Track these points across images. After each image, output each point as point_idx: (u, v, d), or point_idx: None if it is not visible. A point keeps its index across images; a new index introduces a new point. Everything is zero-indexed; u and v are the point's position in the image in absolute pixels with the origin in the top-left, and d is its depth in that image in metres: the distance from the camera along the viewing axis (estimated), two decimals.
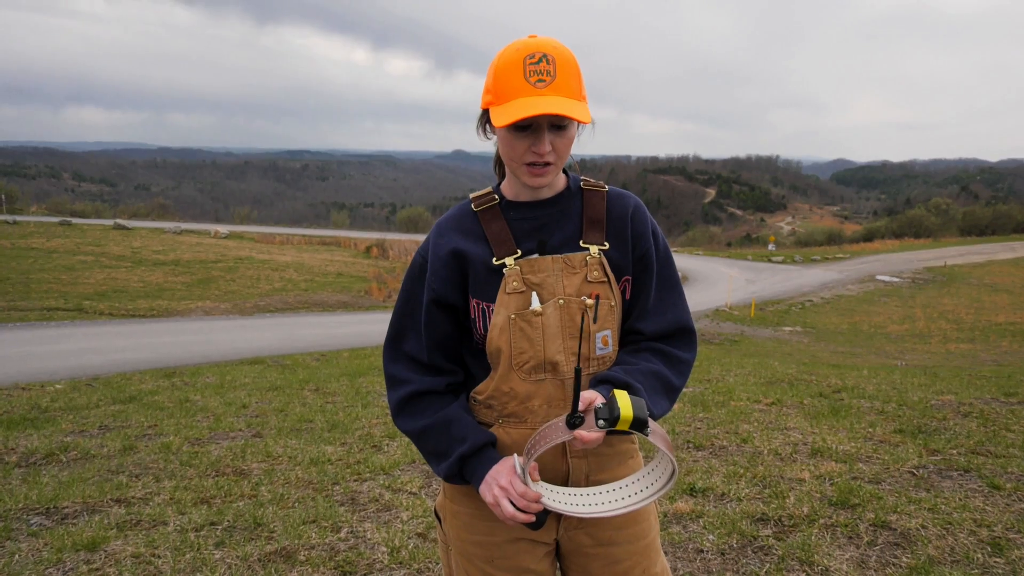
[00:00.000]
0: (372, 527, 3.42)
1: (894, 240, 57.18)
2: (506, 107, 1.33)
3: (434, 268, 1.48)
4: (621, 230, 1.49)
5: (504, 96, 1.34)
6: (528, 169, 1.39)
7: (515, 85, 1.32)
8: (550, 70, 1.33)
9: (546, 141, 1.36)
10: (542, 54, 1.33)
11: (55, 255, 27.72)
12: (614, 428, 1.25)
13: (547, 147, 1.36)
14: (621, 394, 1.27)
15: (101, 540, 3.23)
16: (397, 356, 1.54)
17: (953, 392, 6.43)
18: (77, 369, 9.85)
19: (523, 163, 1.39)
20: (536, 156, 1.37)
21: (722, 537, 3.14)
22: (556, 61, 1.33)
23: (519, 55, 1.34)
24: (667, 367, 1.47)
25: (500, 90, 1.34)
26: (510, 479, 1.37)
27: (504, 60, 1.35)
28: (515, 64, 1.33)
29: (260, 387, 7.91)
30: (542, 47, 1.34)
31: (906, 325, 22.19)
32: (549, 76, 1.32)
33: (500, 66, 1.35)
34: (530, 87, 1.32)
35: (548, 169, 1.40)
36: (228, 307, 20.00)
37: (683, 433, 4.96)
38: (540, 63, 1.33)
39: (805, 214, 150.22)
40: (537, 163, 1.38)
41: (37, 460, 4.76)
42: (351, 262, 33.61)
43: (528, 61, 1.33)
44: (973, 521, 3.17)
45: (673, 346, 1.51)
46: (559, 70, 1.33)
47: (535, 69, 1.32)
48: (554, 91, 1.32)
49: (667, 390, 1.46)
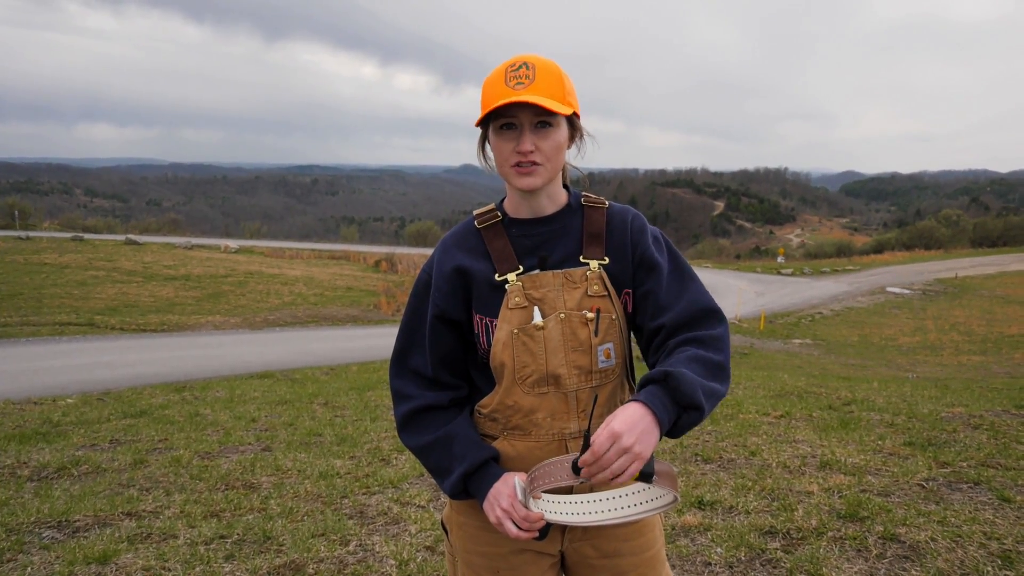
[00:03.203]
0: (381, 540, 3.43)
1: (904, 252, 56.89)
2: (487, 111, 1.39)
3: (438, 285, 1.51)
4: (621, 244, 1.52)
5: (486, 104, 1.40)
6: (515, 170, 1.43)
7: (496, 91, 1.39)
8: (529, 74, 1.38)
9: (528, 139, 1.40)
10: (522, 62, 1.40)
11: (67, 270, 27.94)
12: None
13: (528, 145, 1.40)
14: None
15: (112, 553, 3.25)
16: (403, 371, 1.57)
17: (963, 404, 6.39)
18: (88, 383, 9.92)
19: (510, 165, 1.43)
20: (520, 155, 1.41)
21: (730, 550, 3.13)
22: (536, 67, 1.39)
23: (503, 67, 1.41)
24: (701, 348, 1.39)
25: (485, 100, 1.41)
26: (512, 502, 1.40)
27: (492, 74, 1.42)
28: (498, 74, 1.40)
29: (269, 401, 7.94)
30: (524, 57, 1.41)
31: (917, 337, 22.06)
32: (528, 80, 1.38)
33: (486, 81, 1.42)
34: (509, 90, 1.37)
35: (534, 169, 1.42)
36: (238, 321, 20.10)
37: (691, 446, 4.95)
38: (520, 69, 1.39)
39: (814, 226, 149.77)
40: (522, 163, 1.41)
41: (49, 474, 4.80)
42: (360, 276, 33.71)
43: (509, 69, 1.40)
44: (983, 534, 3.15)
45: (698, 328, 1.44)
46: (538, 74, 1.39)
47: (515, 74, 1.39)
48: (532, 91, 1.37)
49: (711, 369, 1.36)
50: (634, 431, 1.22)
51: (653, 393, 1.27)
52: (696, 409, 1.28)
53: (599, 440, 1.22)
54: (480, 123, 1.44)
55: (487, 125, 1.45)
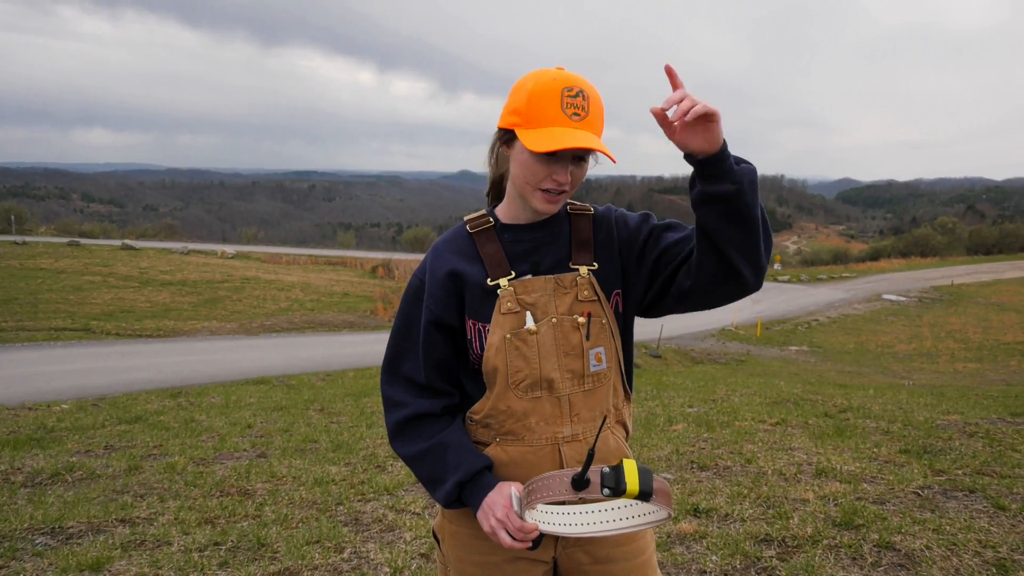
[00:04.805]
0: (375, 547, 3.42)
1: (900, 259, 57.01)
2: (541, 133, 1.36)
3: (431, 290, 1.51)
4: (608, 241, 1.53)
5: (538, 122, 1.37)
6: (543, 195, 1.43)
7: (551, 114, 1.36)
8: (585, 106, 1.37)
9: (568, 171, 1.40)
10: (579, 89, 1.37)
11: (63, 275, 27.91)
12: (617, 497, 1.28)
13: (567, 177, 1.41)
14: (629, 465, 1.28)
15: (105, 560, 3.24)
16: (395, 378, 1.56)
17: (959, 412, 6.40)
18: (83, 389, 9.90)
19: (539, 188, 1.43)
20: (555, 184, 1.41)
21: (725, 558, 3.13)
22: (590, 99, 1.39)
23: (557, 84, 1.37)
24: None
25: (534, 116, 1.37)
26: (507, 512, 1.40)
27: (541, 87, 1.37)
28: (553, 93, 1.36)
29: (265, 407, 7.93)
30: (579, 83, 1.38)
31: (913, 344, 22.11)
32: (584, 112, 1.37)
33: (536, 92, 1.37)
34: (566, 118, 1.36)
35: (561, 197, 1.44)
36: (234, 327, 20.08)
37: (687, 453, 4.95)
38: (577, 97, 1.37)
39: (811, 233, 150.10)
40: (553, 190, 1.42)
41: (43, 480, 4.78)
42: (357, 282, 33.71)
43: (566, 93, 1.36)
44: (978, 542, 3.15)
45: None
46: (592, 107, 1.38)
47: (572, 102, 1.36)
48: (587, 126, 1.37)
49: None
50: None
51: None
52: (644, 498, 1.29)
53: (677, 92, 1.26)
54: (507, 128, 1.42)
55: (512, 131, 1.41)
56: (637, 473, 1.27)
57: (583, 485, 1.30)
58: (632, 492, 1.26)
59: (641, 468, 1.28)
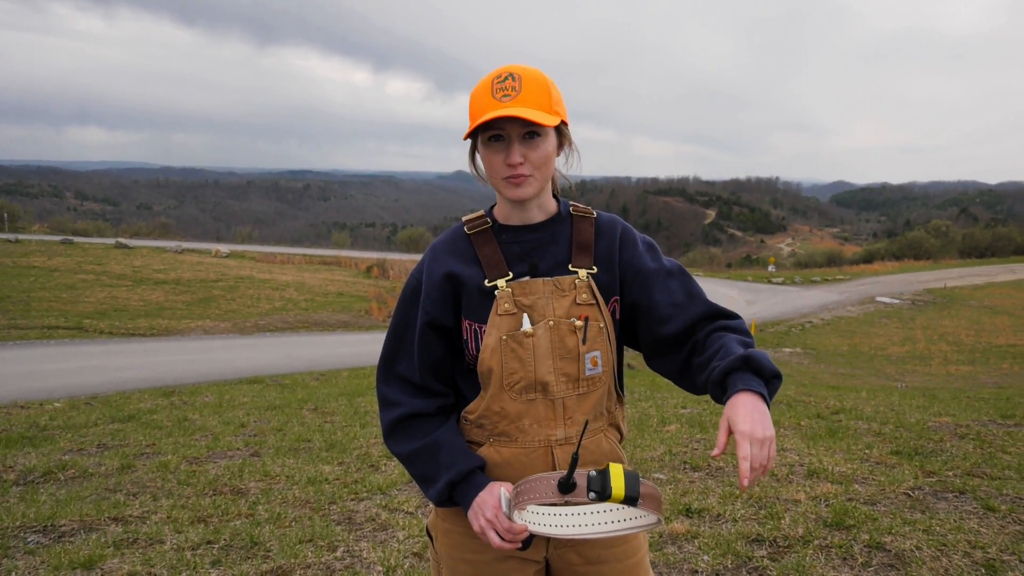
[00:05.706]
0: (368, 546, 3.42)
1: (894, 262, 57.17)
2: (474, 124, 1.40)
3: (428, 291, 1.52)
4: (609, 253, 1.53)
5: (474, 117, 1.41)
6: (506, 182, 1.44)
7: (483, 103, 1.40)
8: (515, 86, 1.40)
9: (516, 151, 1.41)
10: (508, 73, 1.41)
11: (56, 273, 27.77)
12: (603, 501, 1.29)
13: (517, 157, 1.41)
14: (616, 470, 1.29)
15: (98, 558, 3.24)
16: (390, 377, 1.57)
17: (951, 414, 6.43)
18: (76, 388, 9.85)
19: (501, 177, 1.44)
20: (509, 168, 1.42)
21: (717, 558, 3.15)
22: (522, 78, 1.40)
23: (488, 78, 1.42)
24: (734, 333, 1.44)
25: (472, 112, 1.42)
26: (496, 513, 1.40)
27: (478, 86, 1.44)
28: (485, 87, 1.42)
29: (259, 406, 7.91)
30: (509, 68, 1.42)
31: (906, 347, 22.18)
32: (514, 91, 1.39)
33: (474, 92, 1.44)
34: (495, 102, 1.39)
35: (524, 180, 1.44)
36: (228, 326, 20.01)
37: (680, 454, 4.97)
38: (506, 81, 1.40)
39: (805, 236, 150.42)
40: (512, 175, 1.43)
41: (35, 478, 4.77)
42: (351, 282, 33.64)
43: (495, 81, 1.41)
44: (967, 543, 3.18)
45: (721, 319, 1.50)
46: (524, 85, 1.40)
47: (501, 86, 1.40)
48: (518, 103, 1.38)
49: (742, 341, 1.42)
50: (755, 420, 1.25)
51: (745, 379, 1.31)
52: (777, 377, 1.34)
53: (742, 449, 1.23)
54: (469, 135, 1.46)
55: (476, 136, 1.47)
56: (623, 478, 1.28)
57: (570, 488, 1.31)
58: (618, 496, 1.27)
59: (628, 473, 1.29)
